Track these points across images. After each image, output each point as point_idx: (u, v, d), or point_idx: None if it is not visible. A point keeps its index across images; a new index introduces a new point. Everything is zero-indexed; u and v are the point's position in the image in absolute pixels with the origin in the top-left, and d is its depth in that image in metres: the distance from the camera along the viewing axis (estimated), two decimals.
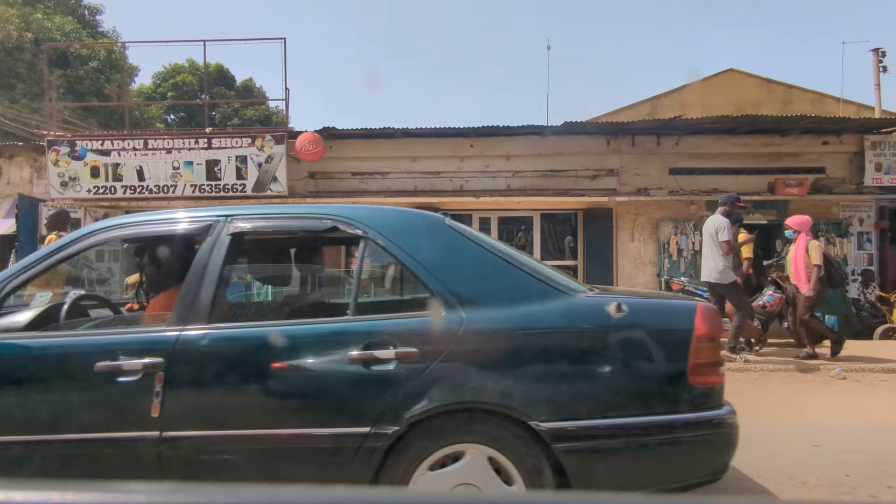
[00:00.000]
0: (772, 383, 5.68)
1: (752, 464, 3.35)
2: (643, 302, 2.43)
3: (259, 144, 9.51)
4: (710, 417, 2.17)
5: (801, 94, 23.43)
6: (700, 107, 22.99)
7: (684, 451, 2.18)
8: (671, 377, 2.18)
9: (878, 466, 3.32)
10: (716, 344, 2.25)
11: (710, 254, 6.55)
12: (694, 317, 2.20)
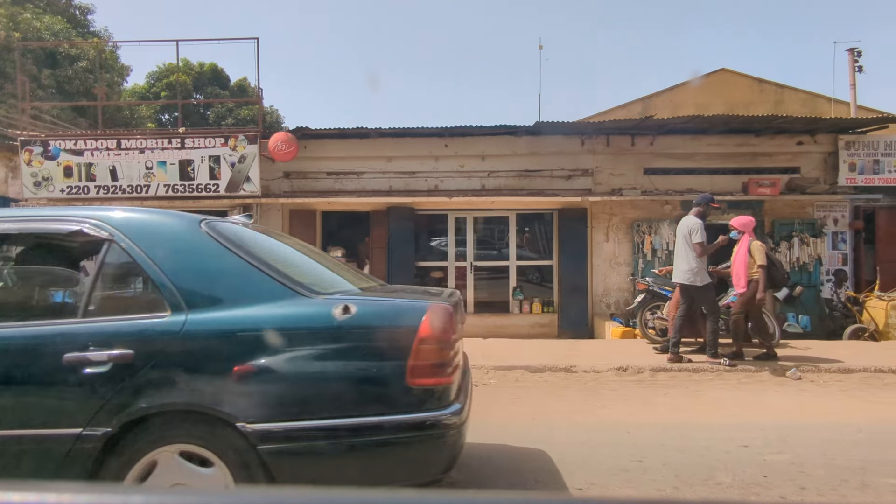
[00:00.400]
0: (727, 384, 5.68)
1: (669, 464, 3.36)
2: (373, 303, 2.42)
3: (232, 144, 9.52)
4: (426, 419, 2.16)
5: (792, 93, 23.43)
6: (692, 106, 22.98)
7: (398, 452, 2.17)
8: (389, 378, 2.18)
9: (799, 467, 3.33)
10: (442, 346, 2.22)
11: (682, 255, 6.48)
12: (421, 318, 2.20)
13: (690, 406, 4.84)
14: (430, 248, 11.08)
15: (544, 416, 4.52)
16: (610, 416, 4.54)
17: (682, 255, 6.48)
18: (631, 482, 3.10)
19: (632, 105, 23.77)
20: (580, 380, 5.73)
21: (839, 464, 3.38)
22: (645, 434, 3.97)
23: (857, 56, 12.21)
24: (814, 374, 5.91)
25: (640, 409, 4.75)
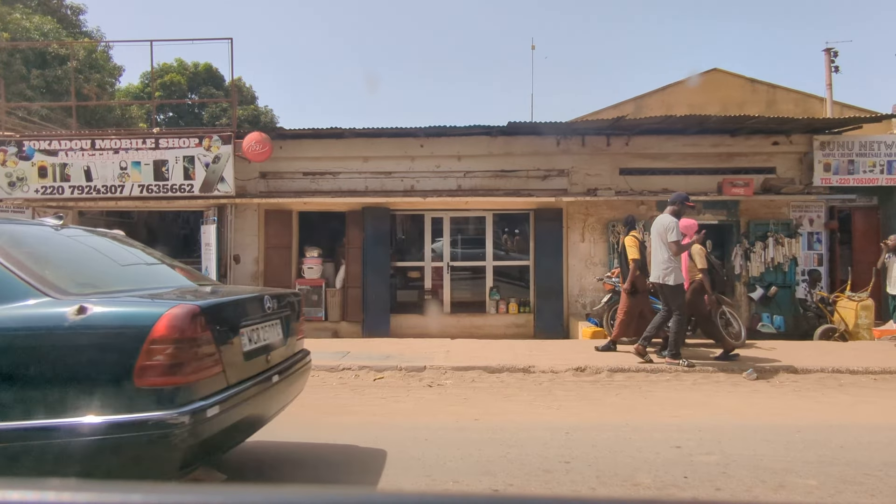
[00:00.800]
0: (682, 384, 5.69)
1: (595, 464, 3.37)
2: (115, 304, 2.41)
3: (206, 145, 9.52)
4: (150, 419, 2.15)
5: (785, 93, 23.43)
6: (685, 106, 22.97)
7: (123, 451, 2.17)
8: (116, 379, 2.18)
9: (723, 468, 3.33)
10: (179, 347, 2.22)
11: (657, 254, 6.47)
12: (155, 320, 2.20)
13: (638, 407, 4.84)
14: (408, 249, 11.10)
15: (489, 416, 4.52)
16: (555, 416, 4.54)
17: (657, 254, 6.47)
18: (549, 483, 3.10)
19: (624, 105, 23.79)
20: (536, 380, 5.73)
21: (765, 465, 3.38)
22: (582, 435, 3.97)
23: (834, 56, 12.21)
24: (771, 375, 5.91)
25: (587, 409, 4.76)
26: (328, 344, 7.91)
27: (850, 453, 3.58)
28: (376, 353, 6.75)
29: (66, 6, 26.59)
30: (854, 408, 4.81)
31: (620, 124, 9.36)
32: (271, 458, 3.51)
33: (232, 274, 9.81)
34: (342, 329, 10.11)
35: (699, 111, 19.53)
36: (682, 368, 6.03)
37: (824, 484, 3.09)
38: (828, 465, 3.36)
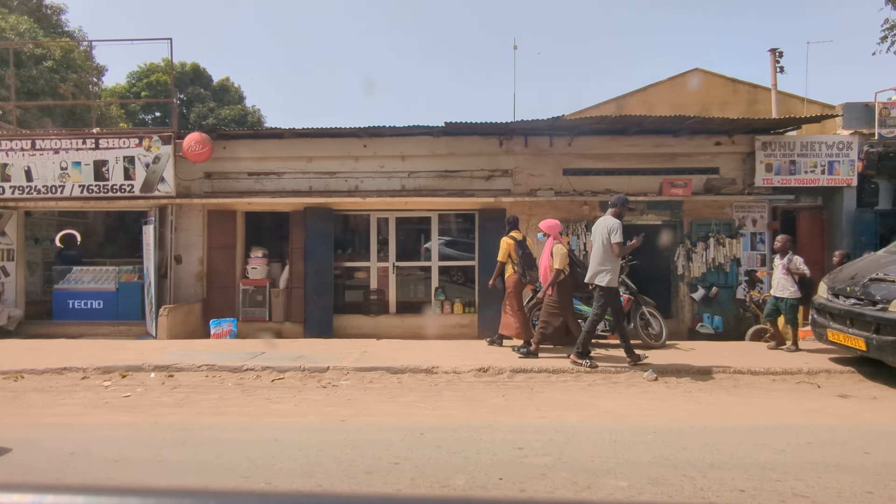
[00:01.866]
0: (577, 385, 5.69)
1: (422, 466, 3.38)
2: None
3: (146, 145, 9.55)
4: None
5: (765, 93, 23.40)
6: (666, 106, 23.00)
7: None
8: None
9: (548, 470, 3.34)
10: None
11: (597, 255, 6.46)
12: None
13: (514, 407, 4.85)
14: (355, 249, 11.11)
15: (359, 417, 4.54)
16: (425, 417, 4.56)
17: (597, 254, 6.47)
18: (359, 484, 3.11)
19: (605, 105, 23.81)
20: (434, 381, 5.74)
21: (591, 466, 3.39)
22: (435, 436, 3.98)
23: (779, 57, 12.19)
24: (673, 376, 5.92)
25: (463, 410, 4.77)
26: (247, 344, 7.93)
27: (688, 454, 3.59)
28: (290, 354, 6.76)
29: (45, 6, 26.60)
30: (732, 409, 4.82)
31: (558, 124, 9.35)
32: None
33: (172, 274, 9.83)
34: (286, 329, 10.13)
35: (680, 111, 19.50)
36: (584, 369, 6.03)
37: (633, 485, 3.09)
38: (655, 467, 3.37)
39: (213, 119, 32.23)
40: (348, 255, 10.94)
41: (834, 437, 3.94)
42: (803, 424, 4.30)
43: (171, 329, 9.10)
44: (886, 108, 9.88)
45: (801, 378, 5.80)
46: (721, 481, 3.13)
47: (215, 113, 34.02)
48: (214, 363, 6.10)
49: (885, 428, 4.21)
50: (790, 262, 7.08)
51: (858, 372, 5.89)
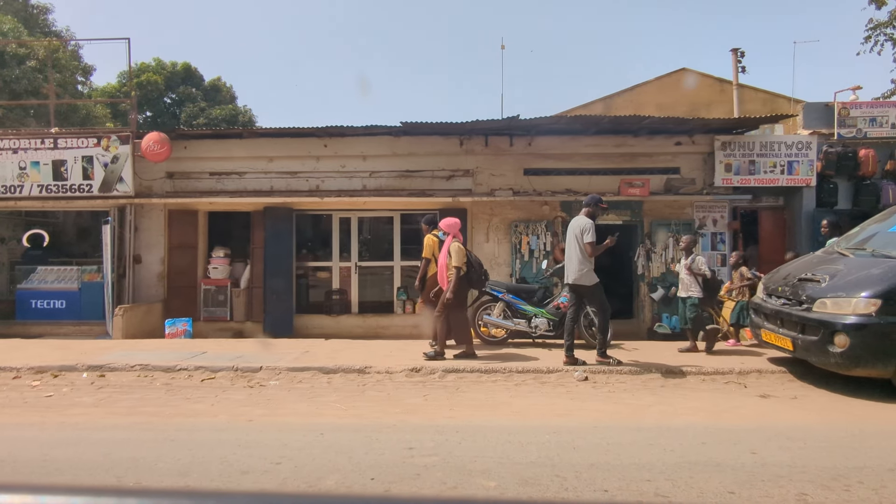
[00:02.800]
0: (505, 385, 5.69)
1: (302, 466, 3.38)
2: None
3: (105, 145, 9.56)
4: None
5: (752, 93, 23.39)
6: (653, 106, 23.02)
7: None
8: None
9: (422, 470, 3.33)
10: None
11: (573, 255, 6.49)
12: None
13: (431, 408, 4.86)
14: (318, 249, 11.11)
15: (269, 418, 4.55)
16: (337, 417, 4.56)
17: (573, 255, 6.49)
18: (230, 484, 3.12)
19: (593, 104, 23.84)
20: (364, 381, 5.75)
21: (473, 466, 3.39)
22: (335, 436, 4.00)
23: (741, 57, 12.18)
24: (603, 376, 5.92)
25: (377, 410, 4.78)
26: (195, 344, 7.95)
27: (575, 455, 3.59)
28: (231, 354, 6.78)
29: (31, 6, 26.61)
30: (647, 409, 4.82)
31: (514, 124, 9.35)
32: None
33: (131, 274, 9.84)
34: (247, 329, 10.14)
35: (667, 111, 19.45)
36: (515, 370, 6.03)
37: (501, 485, 3.10)
38: (534, 467, 3.37)
39: (204, 119, 32.24)
40: (311, 255, 10.95)
41: (730, 437, 3.94)
42: (707, 424, 4.30)
43: (128, 329, 9.11)
44: (846, 108, 9.88)
45: (731, 378, 5.80)
46: (591, 482, 3.13)
47: (206, 113, 34.00)
48: (149, 363, 6.11)
49: (787, 428, 4.21)
50: (693, 263, 7.04)
51: (790, 372, 5.89)
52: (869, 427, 4.29)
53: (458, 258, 6.53)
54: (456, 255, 6.53)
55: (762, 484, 3.09)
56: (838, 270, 5.47)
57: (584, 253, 6.35)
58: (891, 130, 9.80)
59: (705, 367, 6.02)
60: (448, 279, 6.52)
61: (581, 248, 6.36)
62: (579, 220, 6.55)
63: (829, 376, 5.51)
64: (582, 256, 6.36)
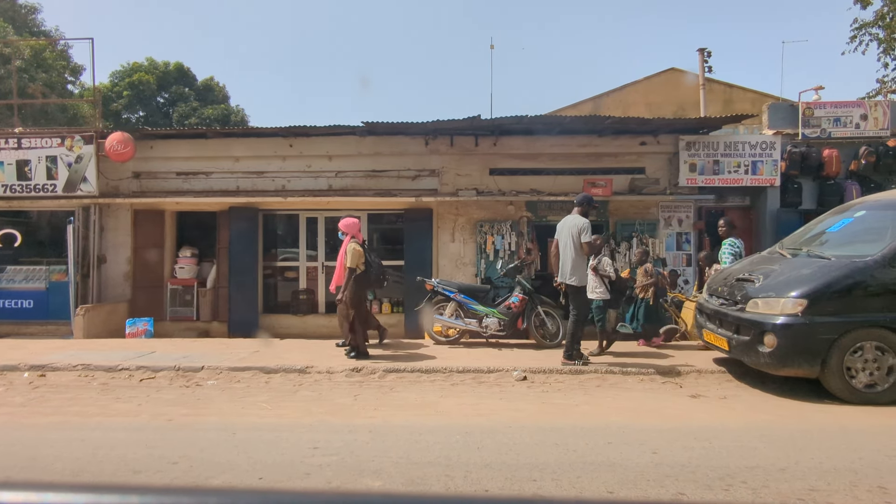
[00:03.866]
0: (443, 385, 5.69)
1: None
2: None
3: (69, 145, 9.58)
4: None
5: (741, 93, 23.43)
6: (642, 105, 23.03)
7: None
8: None
9: (314, 469, 3.35)
10: None
11: (567, 255, 6.49)
12: None
13: (356, 408, 4.86)
14: (285, 248, 11.12)
15: (190, 418, 4.56)
16: (260, 417, 4.57)
17: (567, 254, 6.50)
18: (124, 480, 3.13)
19: (583, 104, 23.83)
20: (301, 381, 5.76)
21: (368, 466, 3.40)
22: (246, 436, 4.01)
23: (707, 57, 12.16)
24: (543, 376, 5.93)
25: (302, 411, 4.79)
26: (147, 344, 7.96)
27: (477, 454, 3.60)
28: (178, 354, 6.79)
29: (19, 6, 26.64)
30: (571, 409, 4.82)
31: (476, 124, 9.35)
32: None
33: (95, 274, 9.86)
34: (213, 329, 10.15)
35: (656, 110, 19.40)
36: (456, 370, 6.04)
37: (386, 485, 3.11)
38: (428, 467, 3.38)
39: (196, 118, 32.27)
40: (278, 255, 10.96)
41: (639, 437, 3.95)
42: (624, 424, 4.31)
43: (90, 329, 9.13)
44: (810, 108, 9.87)
45: (669, 379, 5.81)
46: (476, 482, 3.14)
47: (198, 112, 34.01)
48: (91, 363, 6.13)
49: (701, 428, 4.21)
50: (599, 264, 7.01)
51: (729, 372, 5.90)
52: (785, 427, 4.30)
53: (354, 259, 6.69)
54: (351, 255, 6.69)
55: (645, 484, 3.10)
56: (773, 270, 5.47)
57: (578, 252, 6.39)
58: (854, 130, 9.80)
59: (647, 368, 6.02)
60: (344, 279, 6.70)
61: (576, 246, 6.39)
62: (574, 219, 6.57)
63: (765, 377, 5.52)
64: (576, 255, 6.40)
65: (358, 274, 6.72)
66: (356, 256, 6.71)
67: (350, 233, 6.85)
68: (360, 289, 6.79)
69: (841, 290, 4.89)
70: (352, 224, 6.97)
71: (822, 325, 4.87)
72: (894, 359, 4.82)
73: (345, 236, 6.90)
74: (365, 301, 6.97)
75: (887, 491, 3.00)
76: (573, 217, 6.63)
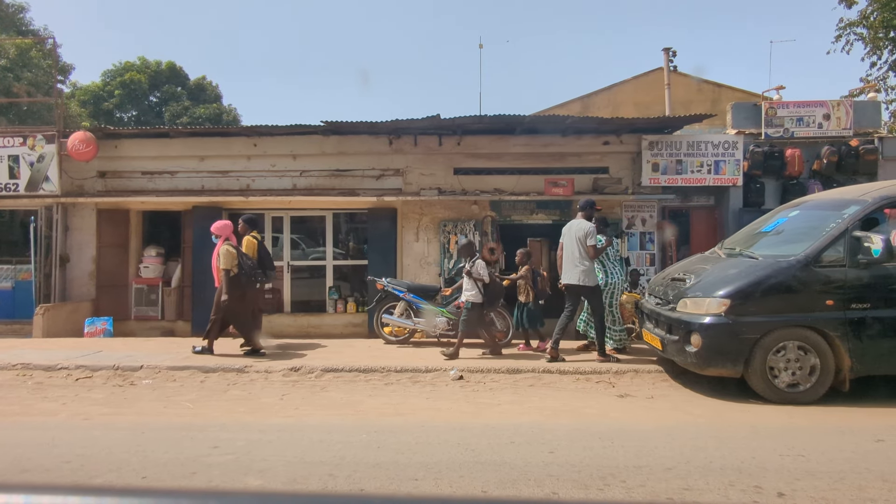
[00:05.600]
0: (381, 382, 5.69)
1: (75, 459, 3.40)
2: None
3: (31, 144, 9.60)
4: None
5: (730, 92, 23.37)
6: (631, 105, 22.98)
7: None
8: None
9: (201, 467, 3.36)
10: None
11: (573, 257, 6.66)
12: None
13: (277, 407, 4.87)
14: None
15: (109, 417, 4.56)
16: (178, 417, 4.58)
17: (573, 256, 6.66)
18: (12, 479, 3.14)
19: (571, 103, 23.77)
20: (237, 380, 5.77)
21: (258, 466, 3.40)
22: (154, 435, 4.02)
23: (672, 56, 12.16)
24: (480, 375, 5.93)
25: (222, 409, 4.80)
26: (93, 343, 7.99)
27: (372, 454, 3.60)
28: (122, 353, 6.81)
29: (6, 4, 26.64)
30: (494, 408, 4.82)
31: (437, 123, 9.34)
32: None
33: (58, 273, 9.87)
34: (178, 328, 10.16)
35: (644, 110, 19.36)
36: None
37: (267, 482, 3.11)
38: (319, 466, 3.38)
39: (188, 118, 32.28)
40: None
41: (543, 436, 3.95)
42: (537, 424, 4.31)
43: (51, 328, 9.15)
44: (773, 107, 9.87)
45: (604, 378, 5.80)
46: (358, 481, 3.14)
47: (190, 112, 34.02)
48: (31, 362, 6.14)
49: (610, 427, 4.21)
50: (473, 267, 6.99)
51: (666, 372, 5.90)
52: (696, 427, 4.30)
53: (226, 261, 6.78)
54: (224, 257, 6.78)
55: (523, 483, 3.10)
56: (704, 270, 5.47)
57: (584, 255, 6.56)
58: (818, 130, 9.79)
59: (583, 368, 6.03)
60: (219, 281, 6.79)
61: (582, 250, 6.56)
62: (580, 223, 6.75)
63: (700, 377, 5.50)
64: (584, 258, 6.56)
65: (232, 276, 6.78)
66: (229, 258, 6.81)
67: (223, 235, 7.00)
68: (234, 290, 6.82)
69: (764, 290, 4.89)
70: (223, 226, 7.11)
71: (746, 325, 4.87)
72: (816, 359, 4.82)
73: (218, 239, 6.99)
74: (242, 302, 6.98)
75: (762, 490, 3.00)
76: (578, 221, 6.82)
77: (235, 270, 6.83)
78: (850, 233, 4.81)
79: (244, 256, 7.00)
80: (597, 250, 6.63)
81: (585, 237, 6.56)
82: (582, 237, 6.58)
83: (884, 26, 18.24)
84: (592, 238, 6.55)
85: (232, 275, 6.79)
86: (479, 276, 6.89)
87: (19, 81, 23.06)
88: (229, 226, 7.19)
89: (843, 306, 4.80)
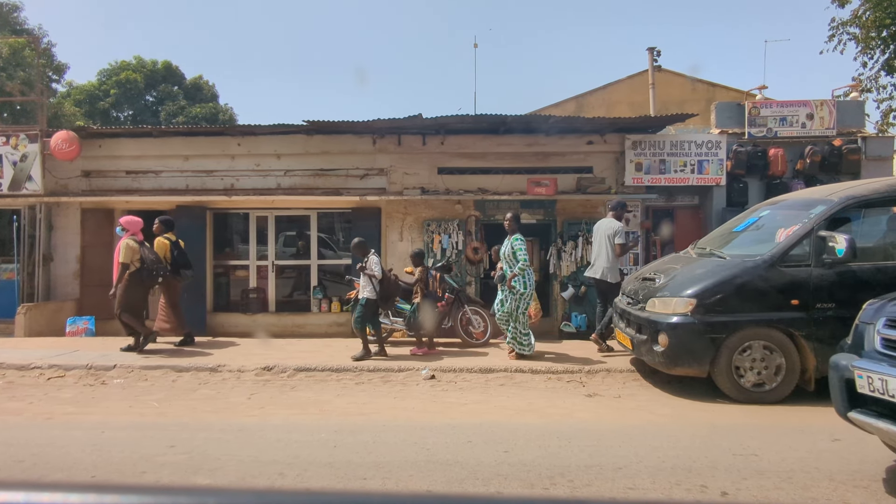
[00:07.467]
0: (349, 383, 5.70)
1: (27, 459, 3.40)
2: None
3: (14, 143, 9.60)
4: None
5: (724, 92, 23.37)
6: (625, 105, 22.96)
7: None
8: None
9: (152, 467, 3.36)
10: None
11: (603, 254, 7.20)
12: None
13: (243, 407, 4.88)
14: (236, 247, 11.13)
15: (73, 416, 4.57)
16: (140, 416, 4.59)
17: (602, 253, 7.22)
18: None
19: (566, 103, 23.76)
20: (209, 379, 5.78)
21: (209, 465, 3.41)
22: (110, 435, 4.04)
23: (657, 56, 12.16)
24: (452, 374, 5.93)
25: (186, 409, 4.80)
26: (71, 342, 8.01)
27: (326, 453, 3.61)
28: (97, 353, 6.82)
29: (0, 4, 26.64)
30: (459, 408, 4.83)
31: (419, 123, 9.34)
32: None
33: (41, 272, 9.87)
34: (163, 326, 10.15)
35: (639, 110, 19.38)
36: (366, 370, 6.05)
37: (216, 482, 3.12)
38: (270, 465, 3.39)
39: (184, 117, 32.27)
40: (230, 254, 10.96)
41: (501, 435, 3.95)
42: (499, 423, 4.31)
43: (33, 327, 9.15)
44: (756, 107, 9.87)
45: (575, 377, 5.80)
46: (308, 480, 3.15)
47: (186, 111, 34.01)
48: (5, 361, 6.15)
49: (571, 427, 4.21)
50: (365, 263, 7.01)
51: (638, 371, 5.90)
52: (658, 427, 4.30)
53: (126, 255, 6.87)
54: (124, 251, 6.86)
55: (471, 482, 3.11)
56: (674, 270, 5.47)
57: (612, 252, 7.08)
58: (801, 130, 9.80)
59: (556, 367, 6.03)
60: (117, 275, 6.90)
61: (610, 247, 7.10)
62: (609, 223, 7.31)
63: (669, 376, 5.51)
64: (610, 255, 7.08)
65: (132, 271, 6.84)
66: (129, 252, 6.89)
67: (130, 230, 7.06)
68: (134, 285, 6.89)
69: (730, 289, 4.89)
70: (132, 222, 7.20)
71: (712, 325, 4.87)
72: (782, 358, 4.82)
73: (124, 232, 7.06)
74: (144, 298, 7.15)
75: (706, 490, 3.01)
76: (608, 220, 7.37)
77: (137, 265, 6.89)
78: (816, 232, 4.81)
79: (148, 251, 7.04)
80: (624, 248, 7.16)
81: (614, 235, 7.07)
82: (611, 235, 7.10)
83: (876, 26, 18.21)
84: (621, 237, 7.08)
85: (133, 269, 6.85)
86: (372, 273, 6.96)
87: (12, 80, 23.05)
88: (138, 222, 7.30)
89: (808, 306, 4.80)
